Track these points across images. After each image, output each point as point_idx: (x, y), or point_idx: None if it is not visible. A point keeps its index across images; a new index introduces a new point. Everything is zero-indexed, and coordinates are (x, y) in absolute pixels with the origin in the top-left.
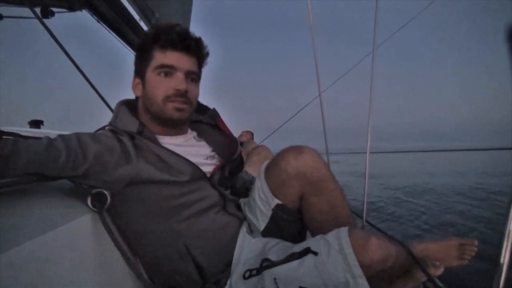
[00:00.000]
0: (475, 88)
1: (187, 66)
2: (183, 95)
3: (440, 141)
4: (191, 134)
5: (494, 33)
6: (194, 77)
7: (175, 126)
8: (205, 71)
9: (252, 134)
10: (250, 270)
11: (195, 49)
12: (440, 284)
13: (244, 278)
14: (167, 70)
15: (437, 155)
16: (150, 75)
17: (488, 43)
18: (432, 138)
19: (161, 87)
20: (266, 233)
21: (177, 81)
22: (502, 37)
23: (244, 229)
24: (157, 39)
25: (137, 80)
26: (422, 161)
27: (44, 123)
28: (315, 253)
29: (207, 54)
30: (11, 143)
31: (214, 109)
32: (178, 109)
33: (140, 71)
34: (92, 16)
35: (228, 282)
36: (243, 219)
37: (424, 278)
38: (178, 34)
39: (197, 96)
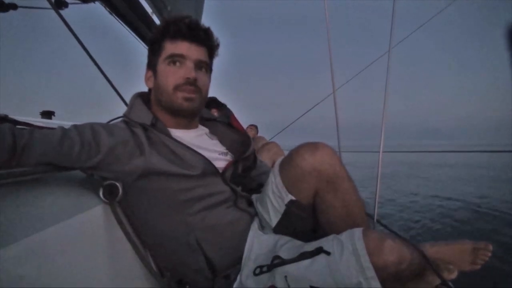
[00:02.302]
0: (481, 88)
1: (196, 55)
2: (192, 83)
3: (449, 140)
4: (202, 130)
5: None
6: (204, 66)
7: (186, 117)
8: (219, 66)
9: (257, 127)
10: (261, 267)
11: (204, 39)
12: None
13: (255, 274)
14: (177, 59)
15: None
16: (161, 65)
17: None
18: (440, 137)
19: (171, 76)
20: (278, 229)
21: (187, 70)
22: (503, 36)
23: (255, 225)
24: (167, 31)
25: (150, 73)
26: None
27: (56, 113)
28: (328, 253)
29: (218, 45)
30: (27, 133)
31: (227, 108)
32: (187, 99)
33: (152, 64)
34: (105, 8)
35: (238, 278)
36: (254, 215)
37: (436, 282)
38: (188, 25)
39: (207, 85)
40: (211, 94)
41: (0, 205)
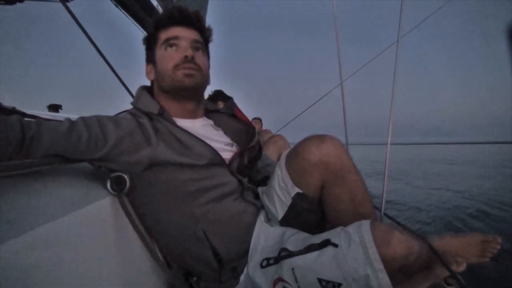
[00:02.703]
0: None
1: (190, 36)
2: (190, 61)
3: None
4: (208, 121)
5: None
6: (200, 47)
7: (189, 98)
8: (225, 64)
9: (261, 120)
10: (268, 259)
11: (195, 21)
12: (463, 281)
13: (262, 266)
14: (173, 42)
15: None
16: (159, 52)
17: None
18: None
19: (169, 58)
20: (284, 222)
21: (183, 49)
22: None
23: (261, 217)
24: (159, 23)
25: (150, 66)
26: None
27: (63, 107)
28: (335, 245)
29: (210, 30)
30: (35, 125)
31: (232, 101)
32: (188, 75)
33: (150, 57)
34: (111, 1)
35: (245, 270)
36: (260, 207)
37: (444, 274)
38: (177, 11)
39: (206, 65)
40: (217, 87)
41: (9, 196)
